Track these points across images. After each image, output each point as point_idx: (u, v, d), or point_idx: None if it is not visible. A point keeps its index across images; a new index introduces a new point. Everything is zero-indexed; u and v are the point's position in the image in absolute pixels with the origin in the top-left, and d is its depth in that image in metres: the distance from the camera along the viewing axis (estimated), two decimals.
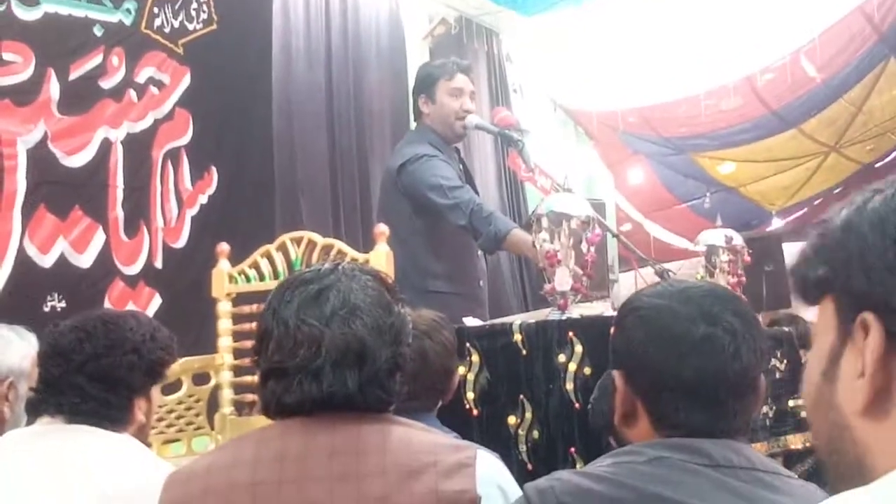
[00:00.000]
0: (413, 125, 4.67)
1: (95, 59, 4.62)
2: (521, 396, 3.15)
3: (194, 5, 5.17)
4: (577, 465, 2.90)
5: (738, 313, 1.73)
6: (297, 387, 1.78)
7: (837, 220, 0.89)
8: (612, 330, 1.86)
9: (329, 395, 1.77)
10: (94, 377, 2.25)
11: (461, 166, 4.47)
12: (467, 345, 3.24)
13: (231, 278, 3.68)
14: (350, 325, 1.79)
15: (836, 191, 9.96)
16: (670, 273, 4.05)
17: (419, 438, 1.82)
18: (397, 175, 4.24)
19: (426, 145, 4.30)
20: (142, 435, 2.38)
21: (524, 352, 3.18)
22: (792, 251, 10.20)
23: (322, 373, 1.77)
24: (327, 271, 1.87)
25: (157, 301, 4.77)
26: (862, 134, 8.88)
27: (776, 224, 10.57)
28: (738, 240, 4.21)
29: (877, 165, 9.47)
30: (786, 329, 4.44)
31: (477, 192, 4.49)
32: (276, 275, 3.58)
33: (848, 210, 0.89)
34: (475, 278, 4.37)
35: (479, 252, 4.37)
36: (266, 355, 1.84)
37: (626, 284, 8.99)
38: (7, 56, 4.23)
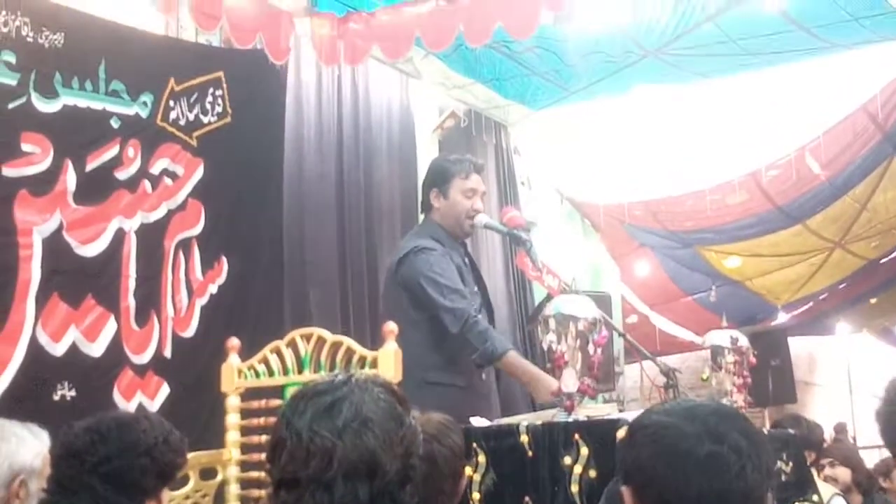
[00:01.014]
0: (420, 217, 4.70)
1: (112, 151, 4.70)
2: (527, 498, 3.15)
3: (209, 99, 5.26)
4: None
5: (744, 432, 1.75)
6: (308, 498, 1.79)
7: None
8: (620, 444, 1.88)
9: None
10: (106, 479, 2.27)
11: (466, 260, 4.47)
12: (474, 445, 3.24)
13: (240, 373, 3.71)
14: (362, 437, 1.81)
15: (842, 286, 10.01)
16: (676, 372, 4.06)
17: None
18: (396, 267, 4.26)
19: (428, 239, 4.32)
20: None
21: (530, 453, 3.19)
22: (797, 345, 10.20)
23: (334, 485, 1.78)
24: (340, 383, 1.90)
25: (164, 391, 4.78)
26: (867, 230, 8.94)
27: (782, 318, 10.59)
28: (743, 341, 4.24)
29: (882, 261, 9.51)
30: (790, 431, 4.44)
31: (484, 287, 4.52)
32: (285, 370, 3.61)
33: None
34: (477, 372, 4.31)
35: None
36: (279, 465, 1.85)
37: (632, 377, 9.02)
38: (26, 147, 4.29)
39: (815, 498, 3.94)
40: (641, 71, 7.05)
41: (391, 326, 3.48)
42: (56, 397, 4.25)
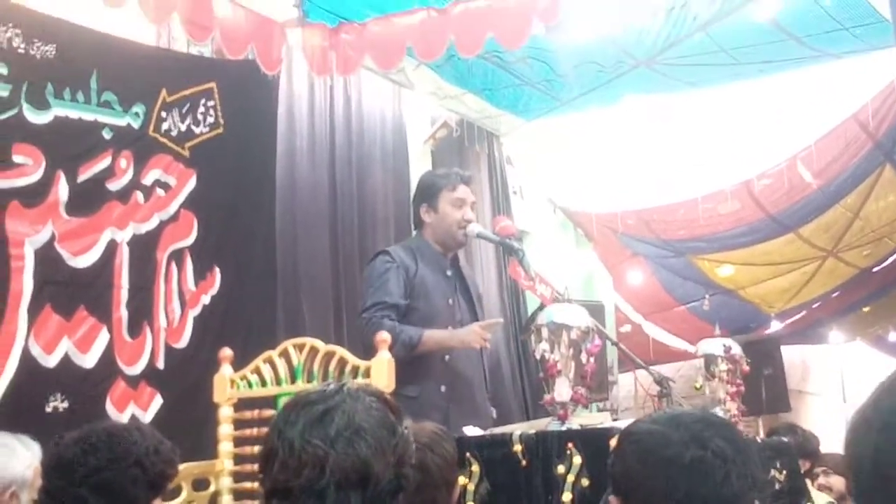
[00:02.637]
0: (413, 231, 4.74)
1: (104, 162, 4.69)
2: None
3: (201, 110, 5.26)
4: None
5: (729, 439, 1.76)
6: None
7: None
8: (610, 456, 1.89)
9: None
10: (97, 490, 2.27)
11: (450, 273, 4.50)
12: (468, 455, 3.25)
13: (233, 383, 3.71)
14: (354, 445, 1.81)
15: (834, 294, 10.02)
16: (669, 381, 4.07)
17: None
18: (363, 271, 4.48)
19: (399, 249, 4.53)
20: None
21: (524, 462, 3.20)
22: (790, 354, 10.21)
23: (326, 494, 1.78)
24: (332, 392, 1.90)
25: (157, 401, 4.76)
26: (859, 239, 8.95)
27: (775, 327, 10.60)
28: (736, 349, 4.25)
29: (874, 270, 9.53)
30: (784, 439, 4.45)
31: (471, 300, 4.54)
32: (278, 381, 3.61)
33: None
34: (435, 381, 4.35)
35: (448, 357, 4.37)
36: (271, 474, 1.85)
37: (626, 386, 9.01)
38: (17, 158, 4.28)
39: None
40: (632, 81, 7.06)
41: (384, 336, 3.49)
42: (49, 409, 4.23)
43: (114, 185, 4.74)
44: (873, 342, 11.23)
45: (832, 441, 6.34)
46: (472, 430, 3.57)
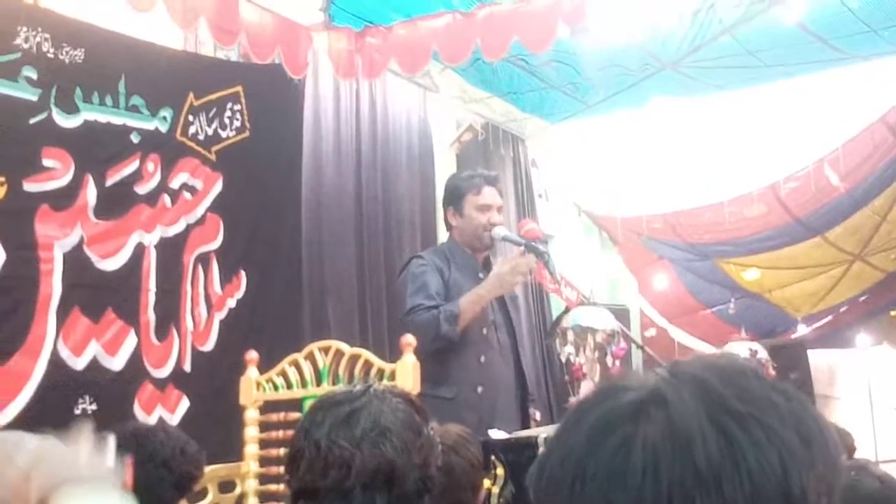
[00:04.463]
0: (442, 232, 4.77)
1: (132, 166, 4.71)
2: None
3: (228, 113, 5.28)
4: None
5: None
6: None
7: None
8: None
9: None
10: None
11: (482, 276, 4.51)
12: (492, 458, 3.25)
13: (259, 386, 3.72)
14: (380, 446, 1.83)
15: (862, 298, 9.95)
16: None
17: None
18: (398, 278, 4.46)
19: (431, 253, 4.55)
20: None
21: None
22: (816, 358, 10.16)
23: (352, 494, 1.80)
24: (359, 393, 1.91)
25: (184, 404, 4.78)
26: (886, 243, 8.89)
27: (801, 330, 10.54)
28: (762, 353, 4.24)
29: None
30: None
31: (505, 305, 4.55)
32: (303, 383, 3.62)
33: None
34: (471, 383, 4.35)
35: (484, 358, 4.38)
36: (297, 475, 1.87)
37: None
38: (47, 162, 4.31)
39: None
40: (658, 84, 7.05)
41: (409, 339, 3.50)
42: (77, 411, 4.25)
43: (141, 189, 4.77)
44: None
45: (860, 447, 6.29)
46: (497, 434, 3.57)
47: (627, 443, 0.84)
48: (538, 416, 4.63)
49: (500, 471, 3.23)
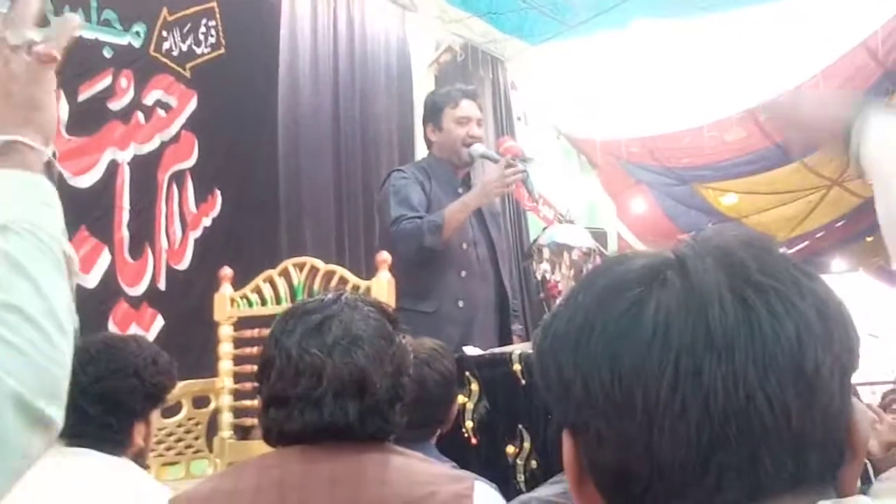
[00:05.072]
0: (420, 153, 4.73)
1: (104, 81, 4.65)
2: (520, 426, 3.17)
3: (202, 30, 5.21)
4: None
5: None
6: (298, 415, 1.80)
7: None
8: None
9: (329, 424, 1.79)
10: (95, 400, 2.27)
11: (461, 190, 4.48)
12: (467, 374, 3.26)
13: (233, 302, 3.71)
14: (351, 354, 1.82)
15: (839, 224, 9.99)
16: None
17: (418, 469, 1.84)
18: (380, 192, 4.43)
19: (411, 166, 4.54)
20: (140, 459, 2.40)
21: (523, 381, 3.20)
22: None
23: (323, 402, 1.79)
24: (330, 301, 1.90)
25: (159, 322, 4.77)
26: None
27: None
28: None
29: None
30: None
31: (485, 224, 4.52)
32: (278, 300, 3.60)
33: None
34: (452, 297, 4.33)
35: (464, 273, 4.37)
36: (268, 383, 1.86)
37: None
38: None
39: None
40: (641, 5, 6.98)
41: (384, 256, 3.48)
42: None
43: (115, 105, 4.71)
44: (876, 273, 11.24)
45: None
46: (471, 350, 3.57)
47: (640, 302, 0.82)
48: (521, 330, 4.63)
49: (474, 386, 3.24)
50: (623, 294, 0.83)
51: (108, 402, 2.28)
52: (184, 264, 4.99)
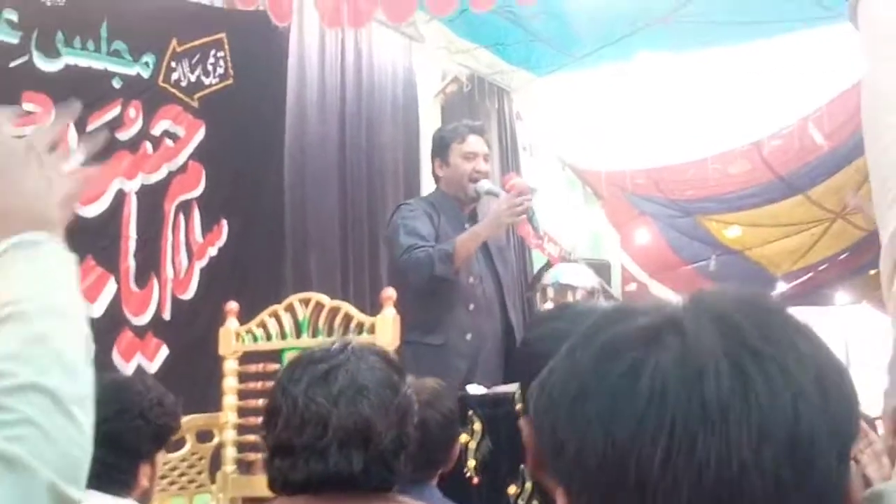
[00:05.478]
0: (425, 184, 4.75)
1: (113, 111, 4.69)
2: (523, 466, 3.17)
3: (211, 60, 5.24)
4: None
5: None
6: (303, 465, 1.81)
7: None
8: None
9: (334, 474, 1.80)
10: (101, 442, 2.27)
11: (468, 225, 4.49)
12: (469, 412, 3.26)
13: (238, 337, 3.72)
14: (357, 404, 1.83)
15: (842, 257, 9.98)
16: None
17: None
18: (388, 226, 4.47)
19: (419, 200, 4.59)
20: (145, 499, 2.41)
21: None
22: (795, 315, 10.21)
23: (328, 452, 1.80)
24: (337, 350, 1.92)
25: (164, 352, 4.79)
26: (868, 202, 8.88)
27: (781, 288, 10.58)
28: None
29: None
30: None
31: (491, 258, 4.54)
32: (283, 335, 3.62)
33: None
34: (460, 330, 4.34)
35: (472, 307, 4.38)
36: (274, 432, 1.87)
37: None
38: (27, 106, 4.27)
39: None
40: (647, 38, 7.01)
41: (389, 293, 3.49)
42: None
43: (123, 135, 4.75)
44: (879, 305, 11.23)
45: None
46: (474, 388, 3.58)
47: (636, 367, 0.81)
48: None
49: (477, 426, 3.25)
50: (621, 355, 0.83)
51: (113, 444, 2.28)
52: (189, 294, 5.01)
